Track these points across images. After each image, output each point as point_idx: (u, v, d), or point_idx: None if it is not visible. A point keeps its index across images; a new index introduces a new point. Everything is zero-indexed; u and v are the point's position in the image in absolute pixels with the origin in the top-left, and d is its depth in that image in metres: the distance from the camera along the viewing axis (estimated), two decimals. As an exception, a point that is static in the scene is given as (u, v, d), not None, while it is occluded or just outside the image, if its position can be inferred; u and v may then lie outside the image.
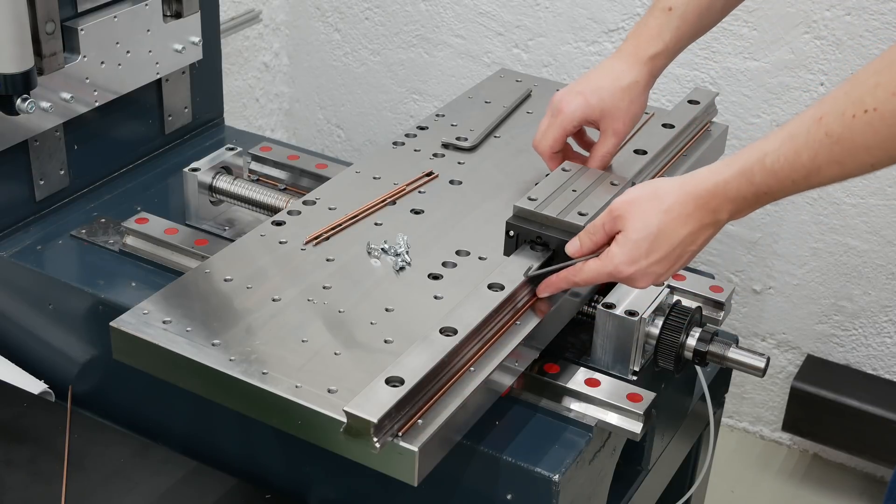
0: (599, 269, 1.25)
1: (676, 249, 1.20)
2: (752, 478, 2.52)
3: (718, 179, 1.16)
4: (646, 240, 1.20)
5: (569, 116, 1.46)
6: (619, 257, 1.22)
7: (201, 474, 1.45)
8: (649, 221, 1.19)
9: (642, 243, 1.20)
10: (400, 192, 1.57)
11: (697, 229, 1.19)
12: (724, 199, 1.16)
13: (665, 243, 1.20)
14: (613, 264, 1.23)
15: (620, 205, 1.22)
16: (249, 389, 1.19)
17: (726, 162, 1.17)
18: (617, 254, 1.22)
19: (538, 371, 1.38)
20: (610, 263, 1.23)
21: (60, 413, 1.53)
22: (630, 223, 1.21)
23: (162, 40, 1.80)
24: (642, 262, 1.21)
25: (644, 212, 1.20)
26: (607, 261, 1.23)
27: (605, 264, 1.24)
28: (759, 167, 1.12)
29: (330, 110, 2.86)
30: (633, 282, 1.24)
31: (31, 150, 1.65)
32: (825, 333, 2.45)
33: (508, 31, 2.53)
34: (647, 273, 1.22)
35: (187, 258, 1.55)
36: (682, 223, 1.19)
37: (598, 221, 1.25)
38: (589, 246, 1.27)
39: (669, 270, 1.23)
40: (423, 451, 1.11)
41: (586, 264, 1.26)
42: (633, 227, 1.21)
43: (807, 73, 2.25)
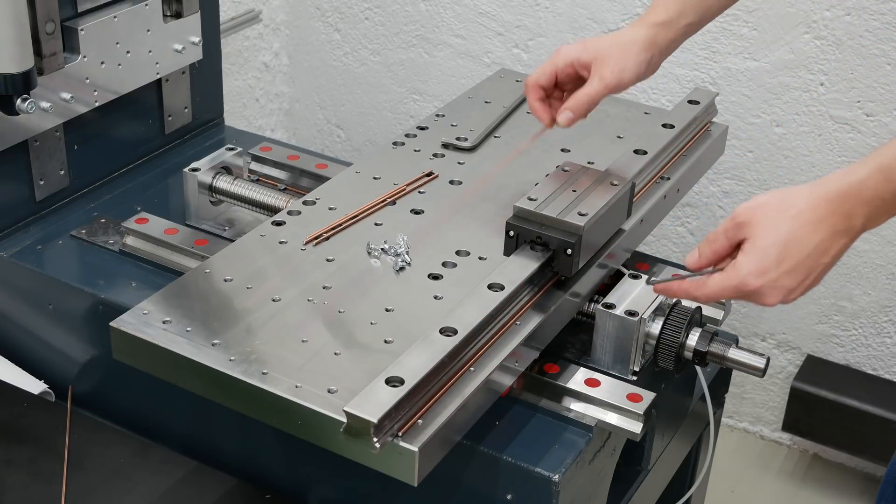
0: (724, 282, 1.15)
1: (808, 260, 1.11)
2: (752, 478, 2.52)
3: (852, 179, 1.08)
4: (775, 247, 1.10)
5: (562, 55, 1.43)
6: (747, 267, 1.12)
7: (201, 474, 1.45)
8: (778, 227, 1.10)
9: (771, 251, 1.10)
10: (400, 192, 1.57)
11: (830, 236, 1.10)
12: (859, 200, 1.08)
13: (796, 252, 1.10)
14: (740, 277, 1.13)
15: (744, 210, 1.14)
16: (249, 389, 1.19)
17: (861, 162, 1.09)
18: (744, 264, 1.12)
19: (538, 371, 1.38)
20: (736, 276, 1.13)
21: (60, 413, 1.53)
22: (757, 230, 1.12)
23: (162, 40, 1.80)
24: (772, 272, 1.11)
25: (772, 217, 1.11)
26: (733, 273, 1.13)
27: (730, 277, 1.14)
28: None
29: (330, 110, 2.86)
30: (761, 297, 1.14)
31: (31, 150, 1.65)
32: (825, 333, 2.45)
33: (508, 31, 2.52)
34: (776, 286, 1.12)
35: (187, 258, 1.55)
36: (814, 229, 1.10)
37: (720, 229, 1.16)
38: (708, 256, 1.18)
39: (801, 285, 1.13)
40: (423, 451, 1.11)
41: (710, 278, 1.16)
42: (761, 233, 1.11)
43: (807, 73, 2.25)
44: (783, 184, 2.35)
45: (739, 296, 1.14)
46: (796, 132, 2.30)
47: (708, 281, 1.16)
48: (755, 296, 1.13)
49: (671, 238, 2.52)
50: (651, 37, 1.42)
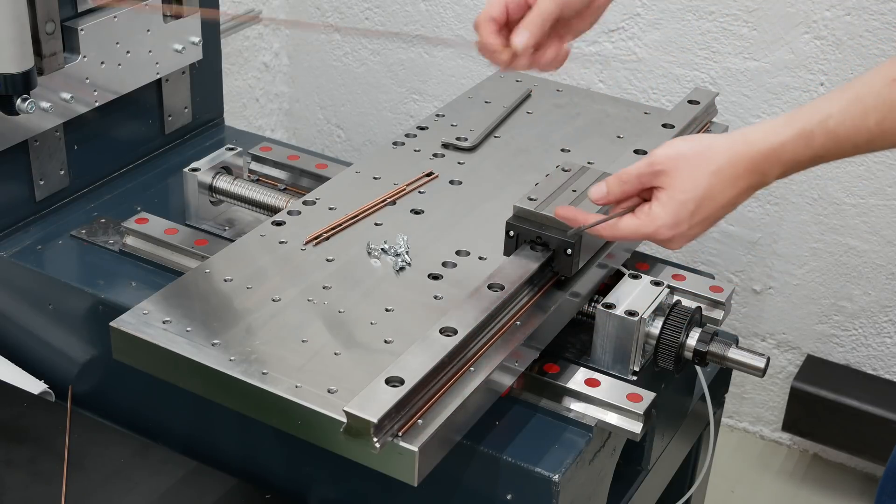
0: (637, 228, 1.15)
1: (719, 212, 1.13)
2: (752, 478, 2.52)
3: (774, 141, 1.08)
4: (693, 201, 1.11)
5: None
6: (662, 219, 1.13)
7: (201, 474, 1.45)
8: (698, 182, 1.11)
9: (689, 205, 1.11)
10: (400, 192, 1.57)
11: (743, 191, 1.12)
12: (777, 161, 1.09)
13: (710, 205, 1.12)
14: (655, 226, 1.13)
15: (664, 159, 1.13)
16: (249, 389, 1.19)
17: (782, 121, 1.09)
18: (660, 215, 1.13)
19: (538, 371, 1.38)
20: (651, 224, 1.14)
21: (60, 413, 1.53)
22: (675, 181, 1.12)
23: (162, 40, 1.80)
24: (684, 224, 1.13)
25: (691, 171, 1.11)
26: (647, 220, 1.14)
27: (643, 224, 1.14)
28: (821, 129, 1.06)
29: (330, 110, 2.86)
30: (668, 244, 1.16)
31: (31, 150, 1.65)
32: (825, 333, 2.45)
33: (508, 31, 2.52)
34: (684, 235, 1.14)
35: (187, 258, 1.55)
36: (731, 185, 1.11)
37: (633, 171, 1.15)
38: (617, 195, 1.17)
39: (704, 231, 1.15)
40: (423, 451, 1.11)
41: (621, 221, 1.16)
42: (679, 186, 1.11)
43: (807, 73, 2.25)
44: (783, 184, 2.35)
45: (647, 239, 1.16)
46: (796, 132, 2.30)
47: (619, 224, 1.17)
48: (663, 242, 1.15)
49: (671, 238, 2.51)
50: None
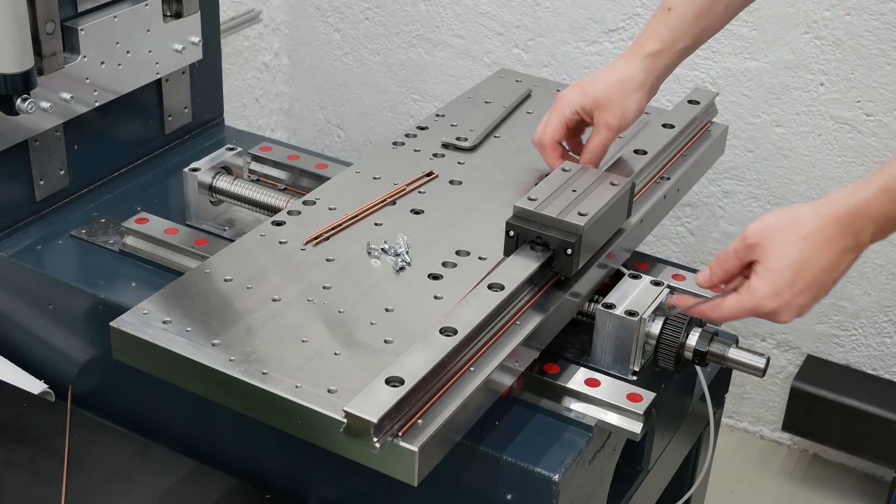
0: (740, 304, 1.17)
1: (820, 278, 1.14)
2: (752, 478, 2.52)
3: (859, 200, 1.10)
4: (788, 269, 1.13)
5: (565, 105, 1.47)
6: (762, 290, 1.15)
7: (201, 474, 1.45)
8: (790, 250, 1.12)
9: (784, 273, 1.13)
10: (400, 192, 1.57)
11: (840, 254, 1.13)
12: (867, 219, 1.10)
13: (808, 272, 1.13)
14: (756, 299, 1.16)
15: (754, 232, 1.15)
16: (249, 389, 1.19)
17: (865, 180, 1.11)
18: (758, 287, 1.15)
19: (538, 371, 1.38)
20: (751, 298, 1.16)
21: (60, 413, 1.53)
22: (769, 252, 1.14)
23: (162, 40, 1.80)
24: (786, 294, 1.14)
25: (782, 239, 1.13)
26: (748, 295, 1.16)
27: (745, 299, 1.17)
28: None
29: (330, 110, 2.86)
30: (776, 316, 1.16)
31: (31, 150, 1.65)
32: (825, 333, 2.45)
33: (508, 31, 2.53)
34: (790, 306, 1.15)
35: (187, 258, 1.55)
36: (825, 249, 1.12)
37: (730, 248, 1.18)
38: (720, 275, 1.21)
39: (813, 301, 1.16)
40: (423, 451, 1.11)
41: (725, 300, 1.19)
42: (773, 256, 1.13)
43: (807, 73, 2.25)
44: (783, 184, 2.35)
45: (755, 315, 1.16)
46: (796, 132, 2.30)
47: (724, 303, 1.19)
48: (771, 315, 1.16)
49: (671, 238, 2.52)
50: (647, 69, 1.46)
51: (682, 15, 1.46)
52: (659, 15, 1.47)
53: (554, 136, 1.48)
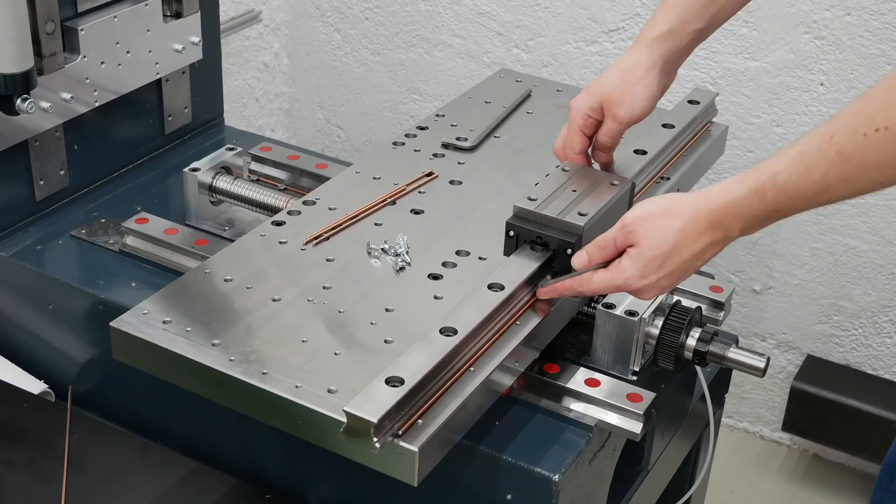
0: (608, 280, 1.25)
1: (685, 264, 1.22)
2: (752, 478, 2.52)
3: (730, 198, 1.16)
4: (660, 257, 1.21)
5: (575, 113, 1.45)
6: (631, 271, 1.23)
7: (201, 474, 1.45)
8: (664, 239, 1.20)
9: (656, 260, 1.21)
10: (400, 192, 1.57)
11: (708, 245, 1.20)
12: (736, 216, 1.17)
13: (676, 259, 1.21)
14: (624, 277, 1.23)
15: (633, 220, 1.23)
16: (249, 389, 1.19)
17: (737, 179, 1.17)
18: (628, 268, 1.23)
19: (538, 371, 1.38)
20: (620, 276, 1.24)
21: (60, 413, 1.53)
22: (645, 239, 1.22)
23: (162, 40, 1.80)
24: (652, 276, 1.22)
25: (659, 228, 1.21)
26: (617, 273, 1.24)
27: (614, 276, 1.25)
28: (771, 185, 1.13)
29: (330, 110, 2.86)
30: (639, 294, 1.25)
31: (31, 150, 1.65)
32: (825, 333, 2.45)
33: (508, 31, 2.53)
34: (654, 286, 1.24)
35: (187, 258, 1.55)
36: (695, 240, 1.20)
37: (609, 236, 1.26)
38: (598, 260, 1.27)
39: (675, 283, 1.25)
40: (423, 451, 1.11)
41: (594, 275, 1.27)
42: (649, 243, 1.21)
43: (807, 73, 2.25)
44: (783, 184, 2.35)
45: (619, 290, 1.27)
46: (796, 132, 2.30)
47: (592, 278, 1.27)
48: (635, 293, 1.26)
49: (671, 238, 2.51)
50: (654, 53, 1.44)
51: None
52: (667, 1, 1.45)
53: (574, 149, 1.47)
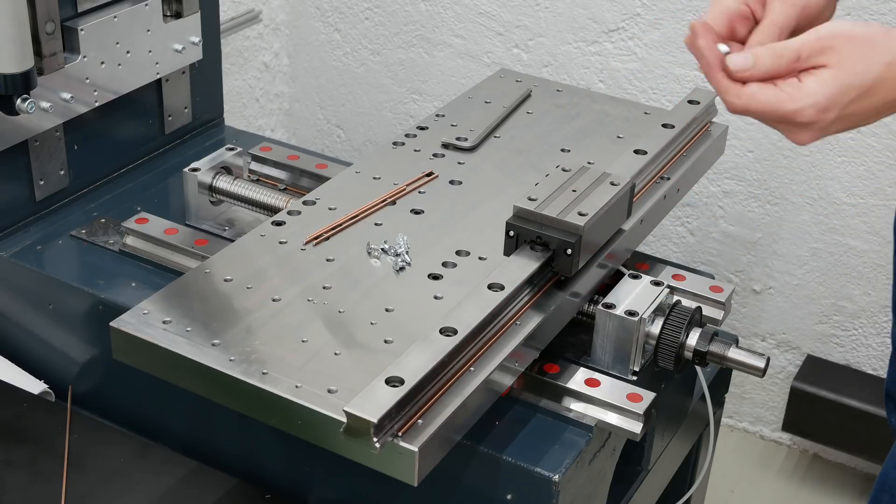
0: (779, 102, 0.96)
1: (870, 113, 0.98)
2: (752, 478, 2.52)
3: None
4: (857, 88, 0.95)
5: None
6: (815, 97, 0.95)
7: (201, 474, 1.45)
8: (868, 68, 0.95)
9: (851, 91, 0.95)
10: (400, 192, 1.57)
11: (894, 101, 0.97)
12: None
13: (868, 101, 0.96)
14: (802, 103, 0.95)
15: (834, 35, 0.96)
16: (249, 389, 1.19)
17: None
18: (815, 91, 0.95)
19: (538, 371, 1.38)
20: (799, 100, 0.95)
21: (60, 413, 1.53)
22: (848, 62, 0.94)
23: (162, 40, 1.80)
24: (833, 112, 0.96)
25: (863, 56, 0.94)
26: (796, 94, 0.95)
27: (786, 99, 0.96)
28: None
29: (330, 110, 2.86)
30: (799, 134, 0.98)
31: (31, 150, 1.65)
32: (825, 333, 2.45)
33: (508, 31, 2.53)
34: (823, 128, 0.98)
35: (187, 258, 1.55)
36: (893, 87, 0.96)
37: (794, 44, 0.97)
38: (765, 69, 0.97)
39: (839, 130, 1.01)
40: (423, 451, 1.11)
41: (758, 90, 0.97)
42: (851, 68, 0.94)
43: (807, 73, 2.25)
44: (783, 184, 2.35)
45: (779, 123, 0.97)
46: (796, 132, 2.30)
47: (757, 92, 0.96)
48: (797, 131, 0.97)
49: (671, 238, 2.52)
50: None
51: None
52: None
53: (710, 23, 1.09)
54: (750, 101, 0.97)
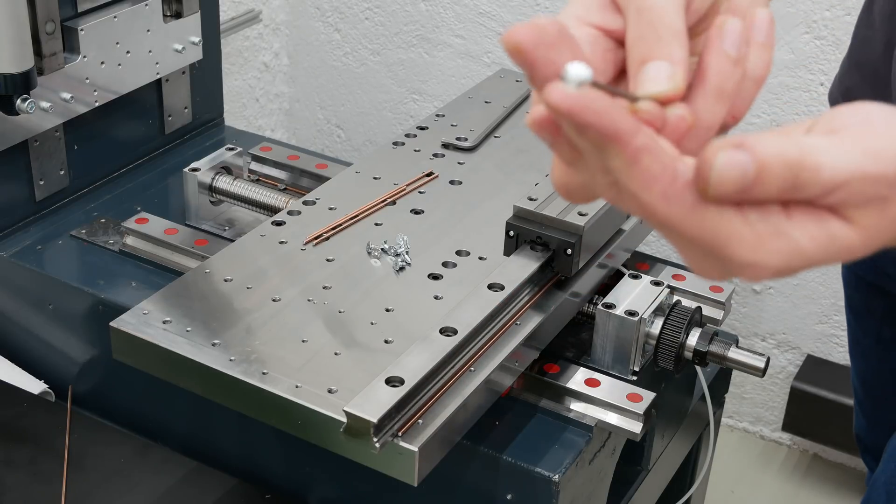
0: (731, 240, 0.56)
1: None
2: (752, 478, 2.52)
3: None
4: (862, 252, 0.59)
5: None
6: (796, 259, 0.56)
7: (201, 474, 1.45)
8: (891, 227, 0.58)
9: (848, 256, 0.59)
10: (400, 192, 1.57)
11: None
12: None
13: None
14: (770, 260, 0.56)
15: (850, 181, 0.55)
16: (249, 389, 1.19)
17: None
18: (803, 253, 0.56)
19: (538, 371, 1.38)
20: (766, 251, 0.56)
21: (60, 413, 1.53)
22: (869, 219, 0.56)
23: (162, 40, 1.80)
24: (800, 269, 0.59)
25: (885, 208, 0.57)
26: (769, 245, 0.56)
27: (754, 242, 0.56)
28: None
29: (330, 110, 2.86)
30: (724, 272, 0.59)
31: (31, 150, 1.65)
32: (825, 333, 2.45)
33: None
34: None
35: (187, 258, 1.55)
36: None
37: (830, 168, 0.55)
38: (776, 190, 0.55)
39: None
40: (423, 451, 1.11)
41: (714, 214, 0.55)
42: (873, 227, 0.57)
43: (807, 73, 2.25)
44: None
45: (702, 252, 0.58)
46: (796, 132, 2.30)
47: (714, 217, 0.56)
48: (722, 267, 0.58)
49: (671, 238, 2.52)
50: None
51: None
52: None
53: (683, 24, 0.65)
54: (687, 212, 0.56)
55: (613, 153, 0.54)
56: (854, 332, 1.62)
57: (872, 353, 1.59)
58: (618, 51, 0.63)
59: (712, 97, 0.59)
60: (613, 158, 0.55)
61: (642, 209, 0.57)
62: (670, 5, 0.60)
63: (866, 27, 1.36)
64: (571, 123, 0.54)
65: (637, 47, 0.60)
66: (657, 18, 0.59)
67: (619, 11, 0.62)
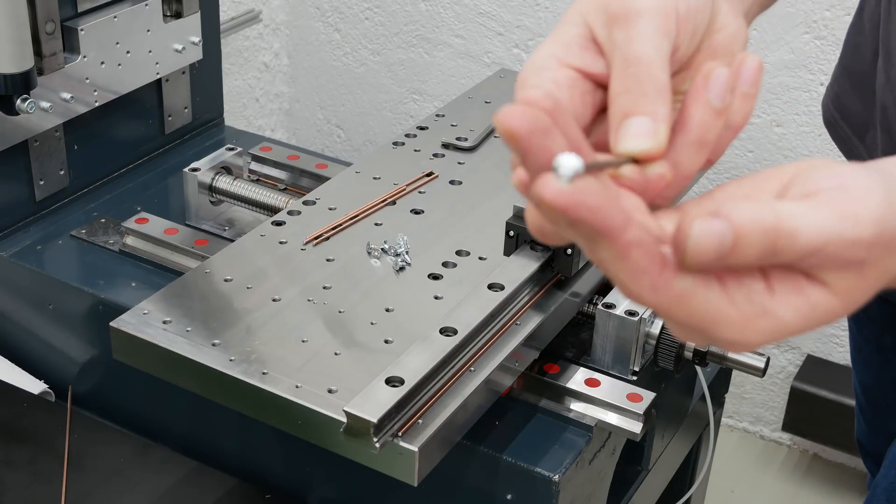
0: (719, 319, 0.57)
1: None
2: (752, 478, 2.52)
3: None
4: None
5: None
6: (780, 331, 0.57)
7: (201, 474, 1.45)
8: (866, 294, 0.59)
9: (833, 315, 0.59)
10: (400, 192, 1.57)
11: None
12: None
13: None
14: (756, 336, 0.57)
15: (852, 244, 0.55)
16: (249, 389, 1.19)
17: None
18: (786, 325, 0.57)
19: (538, 371, 1.38)
20: (753, 328, 0.56)
21: (60, 413, 1.53)
22: (844, 284, 0.57)
23: (162, 40, 1.80)
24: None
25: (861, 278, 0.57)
26: (754, 322, 0.56)
27: (740, 321, 0.56)
28: None
29: (330, 110, 2.86)
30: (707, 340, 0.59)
31: (31, 150, 1.65)
32: (825, 333, 2.45)
33: (508, 31, 2.53)
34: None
35: (187, 258, 1.55)
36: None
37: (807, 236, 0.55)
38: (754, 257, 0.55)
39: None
40: (423, 451, 1.11)
41: (699, 289, 0.56)
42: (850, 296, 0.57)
43: (807, 73, 2.25)
44: (783, 184, 2.35)
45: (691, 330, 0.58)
46: (796, 132, 2.30)
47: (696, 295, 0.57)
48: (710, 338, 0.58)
49: (671, 238, 2.52)
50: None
51: None
52: None
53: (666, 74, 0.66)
54: (675, 300, 0.57)
55: (603, 246, 0.55)
56: (856, 339, 1.62)
57: (873, 362, 1.60)
58: (596, 92, 0.63)
59: (693, 147, 0.59)
60: (602, 250, 0.55)
61: (629, 295, 0.58)
62: (657, 59, 0.60)
63: (857, 33, 1.36)
64: (563, 218, 0.53)
65: (621, 99, 0.60)
66: (644, 73, 0.59)
67: (600, 53, 0.62)
